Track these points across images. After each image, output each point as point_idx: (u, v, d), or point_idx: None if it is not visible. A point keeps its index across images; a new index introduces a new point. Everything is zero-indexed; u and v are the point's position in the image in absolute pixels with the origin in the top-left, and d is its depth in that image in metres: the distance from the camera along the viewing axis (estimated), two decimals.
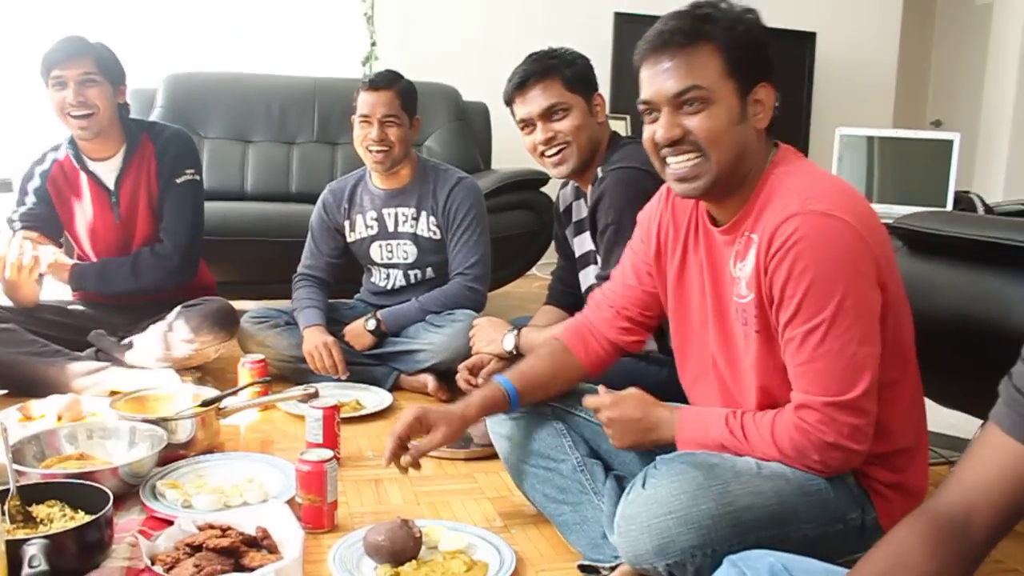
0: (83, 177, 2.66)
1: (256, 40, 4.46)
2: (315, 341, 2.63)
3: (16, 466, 1.69)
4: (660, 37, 1.40)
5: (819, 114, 5.15)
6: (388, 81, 2.68)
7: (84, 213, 2.68)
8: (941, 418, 2.03)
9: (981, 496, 0.93)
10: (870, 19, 5.49)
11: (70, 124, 2.56)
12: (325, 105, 3.96)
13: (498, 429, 1.81)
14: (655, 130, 1.42)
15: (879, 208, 3.20)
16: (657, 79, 1.40)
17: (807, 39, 5.06)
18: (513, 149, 4.09)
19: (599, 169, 2.20)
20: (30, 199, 2.68)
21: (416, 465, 1.68)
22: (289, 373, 2.69)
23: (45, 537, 1.43)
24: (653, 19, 1.47)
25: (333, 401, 2.09)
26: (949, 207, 3.14)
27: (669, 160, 1.43)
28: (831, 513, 1.38)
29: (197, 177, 2.74)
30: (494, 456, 1.87)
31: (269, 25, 4.51)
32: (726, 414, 1.45)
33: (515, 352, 2.32)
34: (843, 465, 1.35)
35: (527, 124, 2.23)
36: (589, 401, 1.62)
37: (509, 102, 2.27)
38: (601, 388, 1.62)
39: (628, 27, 4.80)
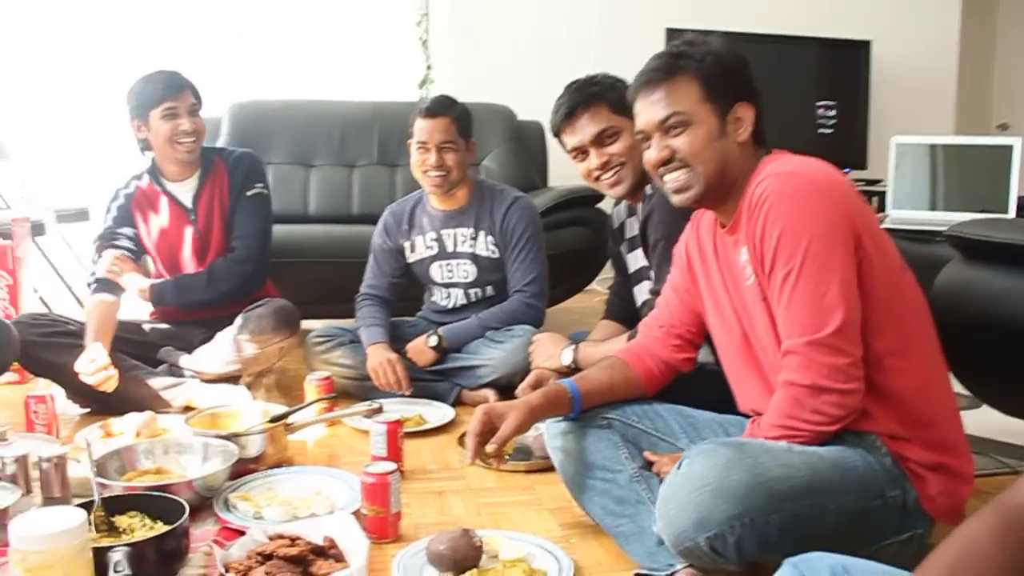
0: (163, 199, 2.82)
1: (316, 67, 4.60)
2: (379, 358, 2.71)
3: (99, 479, 1.78)
4: (645, 76, 1.63)
5: (878, 123, 5.10)
6: (444, 107, 2.75)
7: (165, 230, 2.83)
8: (1007, 427, 2.02)
9: None
10: (927, 24, 5.43)
11: (178, 150, 2.72)
12: (384, 128, 4.06)
13: (555, 443, 1.84)
14: (650, 154, 1.64)
15: (942, 216, 3.19)
16: (646, 111, 1.63)
17: (861, 48, 5.02)
18: (569, 166, 4.13)
19: (648, 187, 2.24)
20: (115, 218, 2.82)
21: (499, 457, 1.80)
22: (354, 390, 2.76)
23: (128, 545, 1.51)
24: (705, 33, 1.66)
25: (397, 416, 2.16)
26: (1011, 213, 3.10)
27: (665, 177, 1.63)
28: (869, 489, 1.43)
29: (265, 191, 2.89)
30: (554, 469, 1.91)
31: (328, 52, 4.64)
32: (751, 422, 1.57)
33: (573, 366, 2.37)
34: (840, 410, 1.44)
35: (579, 152, 2.29)
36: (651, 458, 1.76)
37: (557, 133, 2.34)
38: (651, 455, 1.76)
39: None
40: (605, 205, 3.65)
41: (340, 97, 4.25)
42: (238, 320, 2.71)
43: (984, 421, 2.04)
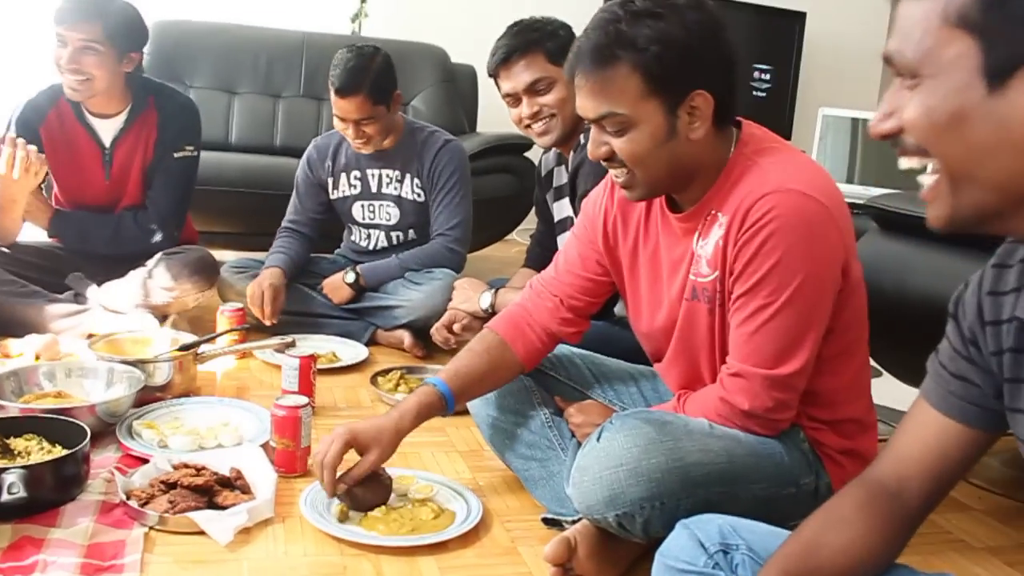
0: (78, 129, 2.62)
1: None
2: (261, 281, 2.61)
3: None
4: (577, 57, 1.38)
5: (805, 94, 5.18)
6: (355, 85, 2.55)
7: (74, 164, 2.65)
8: (902, 395, 2.09)
9: (912, 466, 0.99)
10: (861, 1, 5.51)
11: (64, 81, 2.51)
12: (312, 60, 3.93)
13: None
14: (589, 146, 1.43)
15: (860, 190, 3.26)
16: (580, 98, 1.40)
17: (797, 18, 5.07)
18: (499, 112, 4.10)
19: (581, 136, 2.23)
20: (19, 131, 2.55)
21: (349, 493, 1.58)
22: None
23: (24, 467, 1.47)
24: None
25: (310, 351, 2.13)
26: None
27: (605, 167, 1.47)
28: (784, 476, 1.43)
29: (196, 154, 2.73)
30: (467, 412, 1.91)
31: None
32: (676, 398, 1.53)
33: (491, 310, 2.36)
34: (766, 430, 1.42)
35: (512, 98, 2.27)
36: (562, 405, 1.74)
37: (493, 75, 2.29)
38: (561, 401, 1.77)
39: None
40: (532, 155, 3.64)
41: (269, 24, 4.11)
42: (153, 264, 2.59)
43: (887, 390, 2.11)
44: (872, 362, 1.92)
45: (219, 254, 2.84)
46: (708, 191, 1.43)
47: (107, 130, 2.64)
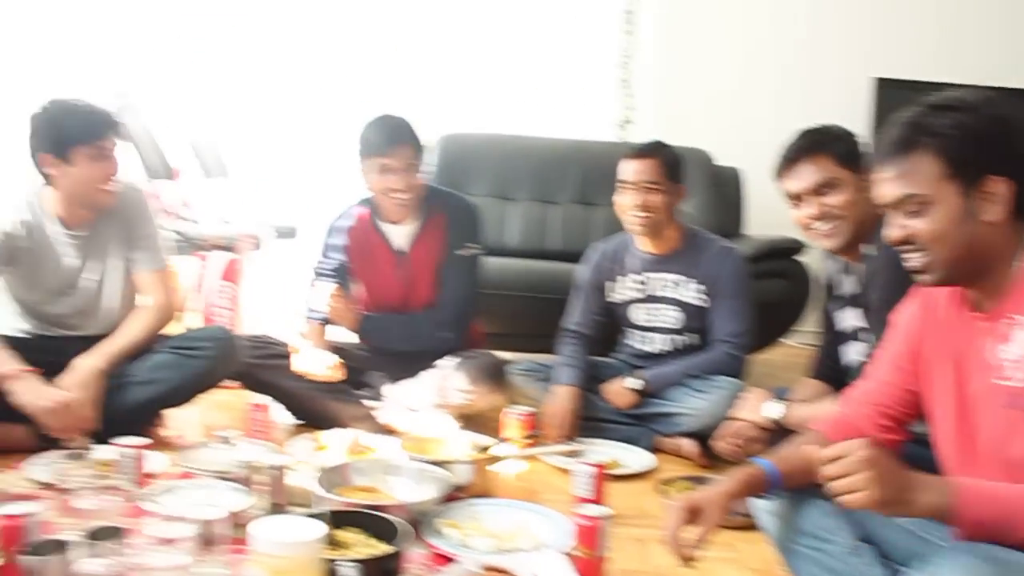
0: (377, 237, 2.91)
1: (521, 103, 4.71)
2: (560, 403, 2.72)
3: (323, 493, 1.87)
4: (880, 147, 1.49)
5: None
6: (652, 149, 2.77)
7: (373, 268, 2.92)
8: None
9: None
10: None
11: (387, 203, 2.80)
12: (585, 167, 4.10)
13: (764, 505, 1.80)
14: (887, 230, 1.50)
15: None
16: (880, 186, 1.49)
17: None
18: (766, 215, 4.08)
19: (873, 246, 2.17)
20: (330, 246, 2.95)
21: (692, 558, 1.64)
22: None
23: (359, 561, 1.58)
24: (916, 84, 1.52)
25: (601, 459, 2.17)
26: None
27: (903, 255, 1.50)
28: None
29: (480, 251, 2.94)
30: (752, 527, 1.86)
31: (533, 89, 4.74)
32: None
33: (778, 423, 2.31)
34: None
35: (796, 198, 2.25)
36: (831, 450, 1.48)
37: (779, 176, 2.29)
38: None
39: (889, 93, 4.65)
40: (804, 257, 3.57)
41: (542, 134, 4.33)
42: (449, 367, 2.77)
43: None
44: None
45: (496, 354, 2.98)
46: (1006, 289, 1.42)
47: (401, 236, 2.90)
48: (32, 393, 2.33)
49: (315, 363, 2.68)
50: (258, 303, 3.74)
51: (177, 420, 2.73)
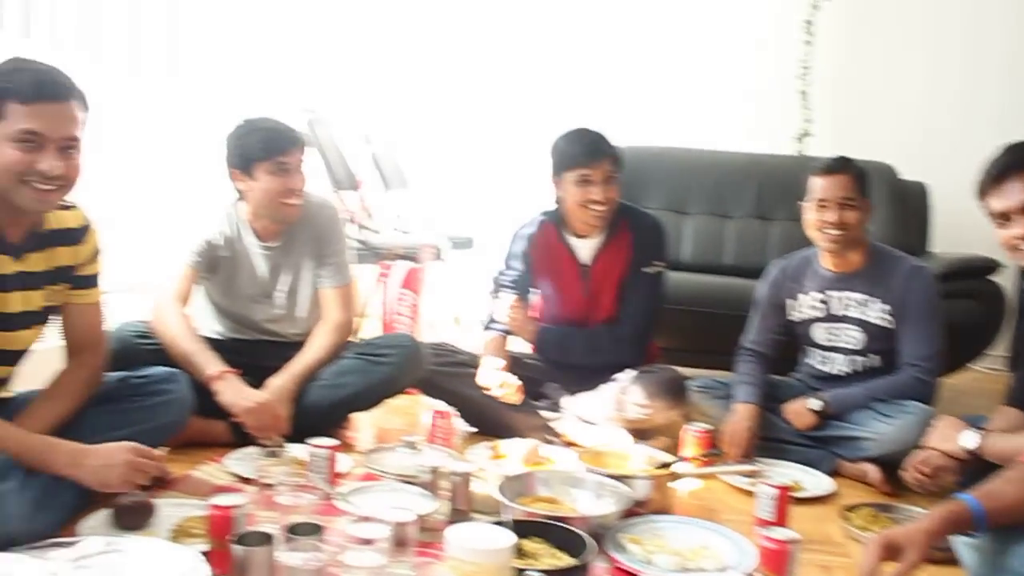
0: (561, 250, 2.94)
1: (694, 115, 4.69)
2: (739, 422, 2.68)
3: (508, 503, 1.91)
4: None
5: None
6: (843, 165, 2.71)
7: (556, 280, 2.96)
8: None
9: None
10: None
11: (583, 215, 2.83)
12: (761, 181, 4.03)
13: (967, 539, 1.72)
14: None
15: None
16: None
17: None
18: (954, 231, 3.89)
19: None
20: (513, 256, 3.00)
21: None
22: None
23: (546, 571, 1.60)
24: None
25: (784, 480, 2.12)
26: None
27: None
28: None
29: (664, 270, 2.94)
30: (952, 561, 1.78)
31: (707, 101, 4.72)
32: None
33: (974, 454, 2.20)
34: None
35: (1002, 217, 2.13)
36: None
37: (982, 194, 2.18)
38: None
39: None
40: (1000, 278, 3.39)
41: (718, 146, 4.27)
42: (627, 380, 2.78)
43: None
44: None
45: None
46: None
47: (586, 249, 2.91)
48: (235, 393, 2.47)
49: (496, 381, 2.73)
50: (436, 311, 3.86)
51: (359, 423, 2.83)
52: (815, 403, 2.67)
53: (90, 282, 2.16)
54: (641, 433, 2.74)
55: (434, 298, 3.83)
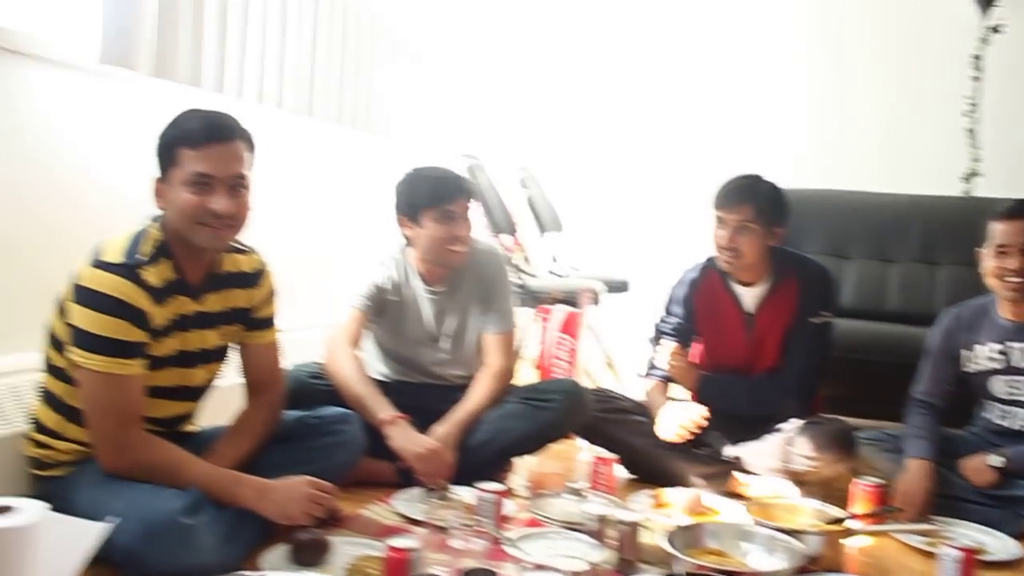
0: (725, 298, 2.90)
1: (852, 157, 4.58)
2: (913, 480, 2.57)
3: (679, 555, 1.90)
4: None
5: None
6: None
7: (719, 328, 2.92)
8: None
9: None
10: None
11: (720, 255, 2.81)
12: (925, 223, 3.89)
13: None
14: None
15: None
16: None
17: None
18: None
19: None
20: (675, 301, 2.99)
21: None
22: None
23: None
24: None
25: (967, 542, 2.04)
26: None
27: None
28: None
29: (831, 320, 2.87)
30: None
31: (865, 142, 4.60)
32: None
33: None
34: None
35: None
36: None
37: None
38: None
39: None
40: None
41: (879, 188, 4.15)
42: (794, 431, 2.72)
43: None
44: None
45: None
46: None
47: (750, 297, 2.87)
48: (406, 439, 2.55)
49: (676, 424, 2.74)
50: (591, 356, 3.88)
51: (520, 467, 2.87)
52: (996, 460, 2.55)
53: (265, 324, 2.30)
54: (806, 486, 2.67)
55: (590, 342, 3.84)
